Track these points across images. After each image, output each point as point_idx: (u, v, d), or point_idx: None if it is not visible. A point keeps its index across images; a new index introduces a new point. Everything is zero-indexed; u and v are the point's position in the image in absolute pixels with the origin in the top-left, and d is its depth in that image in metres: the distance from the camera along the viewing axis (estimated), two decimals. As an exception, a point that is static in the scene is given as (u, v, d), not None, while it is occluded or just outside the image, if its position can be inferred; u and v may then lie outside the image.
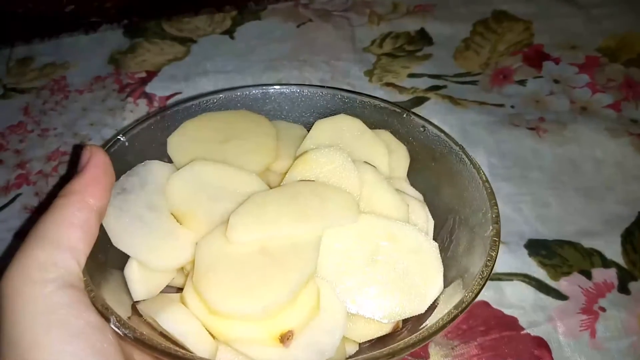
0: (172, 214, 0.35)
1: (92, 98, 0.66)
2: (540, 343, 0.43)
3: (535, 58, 0.70)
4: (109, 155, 0.32)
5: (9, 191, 0.56)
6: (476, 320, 0.44)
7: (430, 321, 0.30)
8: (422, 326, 0.30)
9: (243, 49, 0.72)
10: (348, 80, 0.67)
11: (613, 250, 0.50)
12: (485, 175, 0.36)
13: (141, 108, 0.64)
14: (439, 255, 0.33)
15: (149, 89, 0.66)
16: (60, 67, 0.70)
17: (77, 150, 0.47)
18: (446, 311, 0.29)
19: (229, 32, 0.75)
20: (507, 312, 0.45)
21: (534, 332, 0.44)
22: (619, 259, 0.49)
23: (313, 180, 0.36)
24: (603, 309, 0.45)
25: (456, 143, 0.38)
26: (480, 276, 0.30)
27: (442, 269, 0.33)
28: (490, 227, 0.33)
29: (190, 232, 0.34)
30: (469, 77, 0.68)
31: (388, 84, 0.66)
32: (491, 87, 0.66)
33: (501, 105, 0.64)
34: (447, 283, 0.33)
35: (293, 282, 0.29)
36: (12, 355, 0.25)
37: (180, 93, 0.65)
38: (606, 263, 0.49)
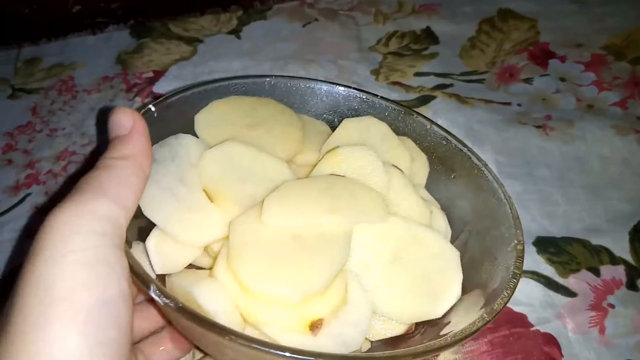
0: (204, 190, 0.34)
1: (100, 98, 0.66)
2: (550, 339, 0.44)
3: (541, 56, 0.70)
4: None
5: (18, 191, 0.56)
6: (485, 317, 0.45)
7: (447, 328, 0.30)
8: (443, 332, 0.30)
9: (249, 48, 0.72)
10: (354, 79, 0.67)
11: (621, 247, 0.50)
12: (507, 193, 0.36)
13: (149, 108, 0.64)
14: (460, 263, 0.34)
15: (156, 88, 0.66)
16: (67, 68, 0.70)
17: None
18: (466, 317, 0.29)
19: (235, 32, 0.75)
20: (516, 309, 0.45)
21: (543, 328, 0.44)
22: (627, 256, 0.49)
23: (343, 176, 0.36)
24: (612, 306, 0.46)
25: (479, 158, 0.38)
26: (508, 288, 0.30)
27: (461, 277, 0.33)
28: (515, 241, 0.33)
29: (221, 210, 0.33)
30: (475, 76, 0.68)
31: (394, 83, 0.67)
32: (497, 86, 0.67)
33: (508, 104, 0.64)
34: (462, 292, 0.33)
35: (329, 270, 0.29)
36: (35, 302, 0.23)
37: (187, 93, 0.65)
38: (614, 260, 0.49)
